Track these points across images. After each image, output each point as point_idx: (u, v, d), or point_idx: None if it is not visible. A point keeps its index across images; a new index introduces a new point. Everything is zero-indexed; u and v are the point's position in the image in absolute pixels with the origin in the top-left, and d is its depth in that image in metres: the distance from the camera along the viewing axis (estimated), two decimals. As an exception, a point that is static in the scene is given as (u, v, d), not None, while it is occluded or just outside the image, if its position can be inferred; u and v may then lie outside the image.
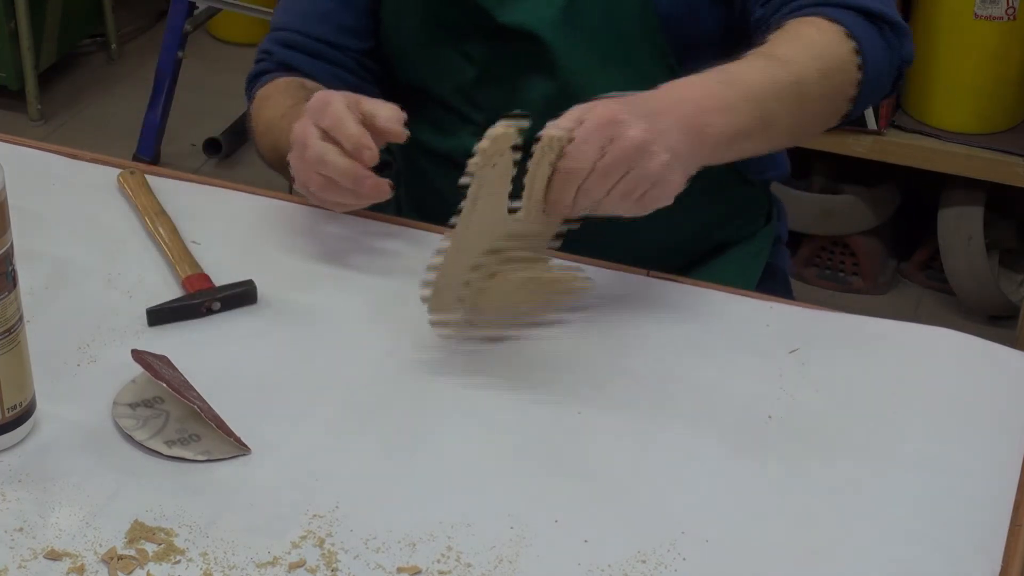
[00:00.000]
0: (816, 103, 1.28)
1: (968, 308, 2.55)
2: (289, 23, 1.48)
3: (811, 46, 1.28)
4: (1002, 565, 1.01)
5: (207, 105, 3.01)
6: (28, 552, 0.99)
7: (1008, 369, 1.19)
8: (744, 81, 1.24)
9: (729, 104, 1.22)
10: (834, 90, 1.29)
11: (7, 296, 1.03)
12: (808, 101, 1.27)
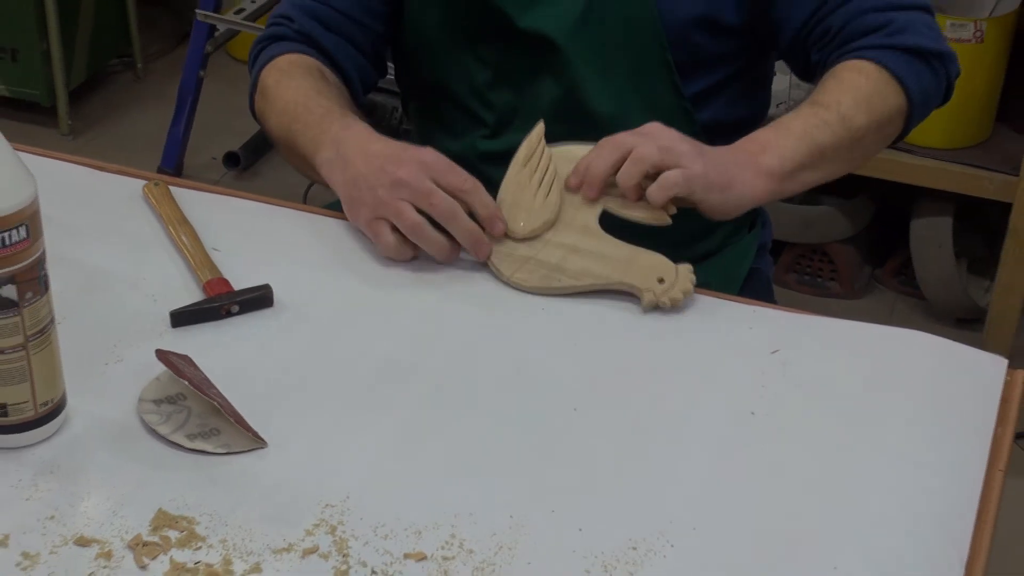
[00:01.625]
0: (868, 135, 1.31)
1: (938, 312, 2.55)
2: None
3: (860, 89, 1.30)
4: (969, 553, 1.01)
5: (227, 121, 3.01)
6: (59, 538, 0.99)
7: (975, 369, 1.19)
8: (790, 123, 1.29)
9: (779, 144, 1.27)
10: (882, 129, 1.32)
11: (40, 299, 1.03)
12: (857, 134, 1.30)
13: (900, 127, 1.35)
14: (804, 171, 1.28)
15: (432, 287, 1.27)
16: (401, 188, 1.23)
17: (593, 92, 1.33)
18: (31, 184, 1.01)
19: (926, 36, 1.33)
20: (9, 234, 0.99)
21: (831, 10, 1.33)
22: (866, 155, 1.35)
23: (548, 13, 1.36)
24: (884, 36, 1.31)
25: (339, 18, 1.43)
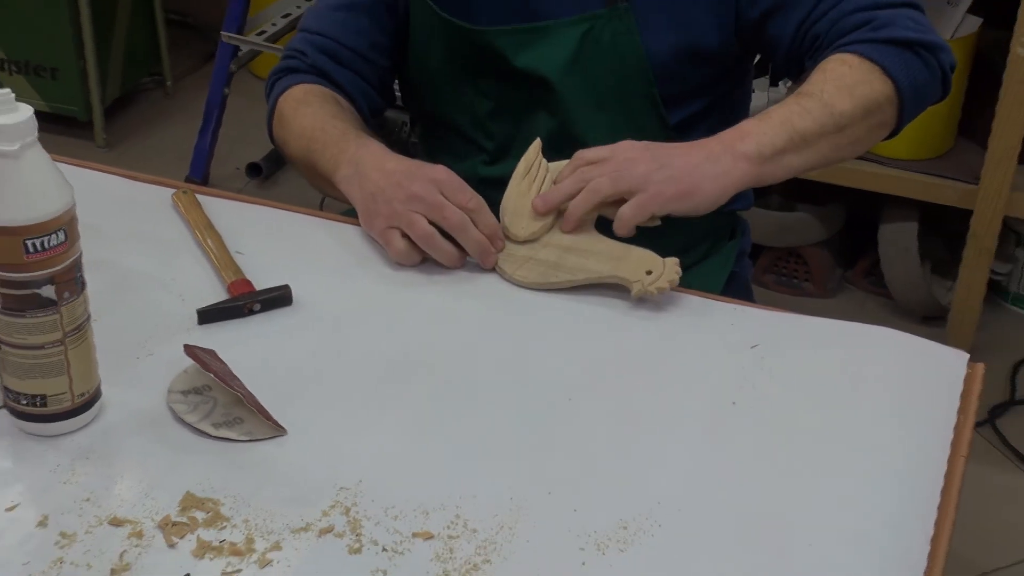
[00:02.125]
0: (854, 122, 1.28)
1: (904, 310, 2.55)
2: (326, 30, 1.43)
3: (843, 77, 1.27)
4: (934, 531, 1.01)
5: (249, 134, 3.01)
6: (94, 519, 0.99)
7: (938, 363, 1.19)
8: (772, 112, 1.27)
9: (758, 129, 1.25)
10: (871, 116, 1.29)
11: (76, 298, 1.03)
12: (842, 121, 1.27)
13: (892, 116, 1.31)
14: (786, 155, 1.26)
15: (438, 287, 1.27)
16: (415, 202, 1.23)
17: (585, 125, 1.33)
18: (69, 192, 1.01)
19: (910, 28, 1.30)
20: (48, 238, 0.99)
21: (817, 19, 1.32)
22: (858, 141, 1.30)
23: (543, 54, 1.36)
24: (868, 31, 1.29)
25: (348, 54, 1.43)
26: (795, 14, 1.32)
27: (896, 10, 1.31)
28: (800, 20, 1.32)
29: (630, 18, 1.33)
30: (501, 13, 1.36)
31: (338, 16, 1.43)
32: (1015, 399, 2.36)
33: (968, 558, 2.01)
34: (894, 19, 1.30)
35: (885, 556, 0.98)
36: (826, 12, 1.31)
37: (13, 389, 1.05)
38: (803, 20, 1.32)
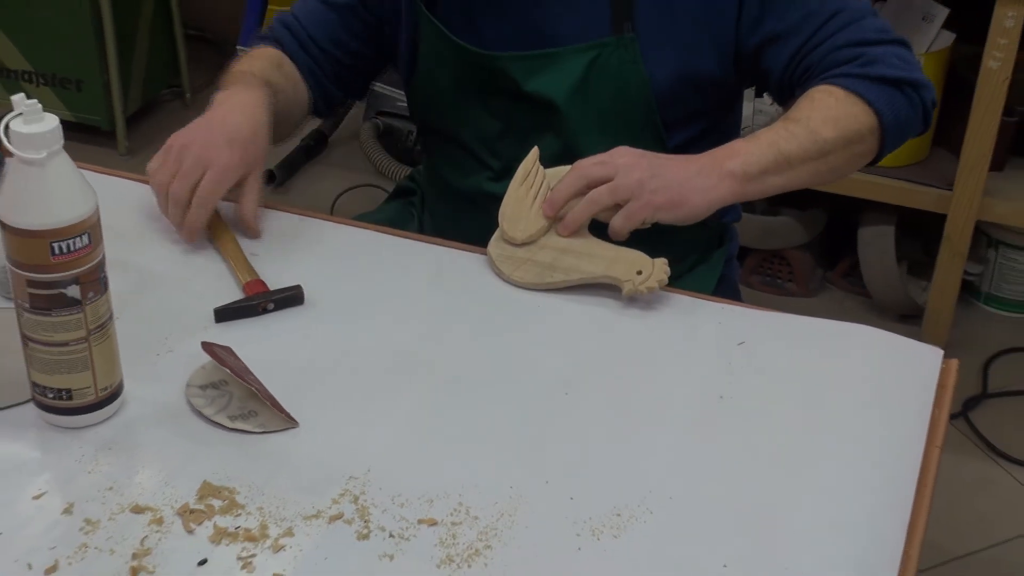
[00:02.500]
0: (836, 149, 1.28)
1: (882, 309, 2.55)
2: (300, 16, 1.46)
3: (829, 108, 1.28)
4: (911, 517, 1.01)
5: (264, 143, 3.01)
6: (116, 507, 0.98)
7: (915, 359, 1.19)
8: (760, 135, 1.27)
9: (746, 149, 1.26)
10: (852, 146, 1.29)
11: (100, 298, 1.03)
12: (826, 147, 1.27)
13: (874, 147, 1.31)
14: (769, 175, 1.26)
15: (442, 287, 1.27)
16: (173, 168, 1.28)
17: (588, 147, 1.32)
18: (93, 197, 1.01)
19: (896, 67, 1.29)
20: (73, 241, 0.99)
21: (809, 51, 1.31)
22: (838, 168, 1.30)
23: (551, 80, 1.35)
24: (856, 67, 1.29)
25: (309, 41, 1.45)
26: (789, 46, 1.32)
27: (885, 47, 1.31)
28: (794, 51, 1.32)
29: (635, 47, 1.33)
30: (513, 39, 1.35)
31: (315, 6, 1.46)
32: (987, 393, 2.36)
33: (943, 544, 2.01)
34: (882, 56, 1.30)
35: (864, 542, 0.98)
36: (818, 45, 1.31)
37: (40, 384, 1.05)
38: (796, 51, 1.32)
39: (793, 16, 1.31)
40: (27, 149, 0.97)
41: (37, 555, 0.94)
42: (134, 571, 0.93)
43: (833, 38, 1.31)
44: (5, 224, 0.99)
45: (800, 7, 1.31)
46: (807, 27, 1.31)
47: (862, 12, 1.32)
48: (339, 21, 1.44)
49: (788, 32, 1.32)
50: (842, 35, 1.31)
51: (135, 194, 1.40)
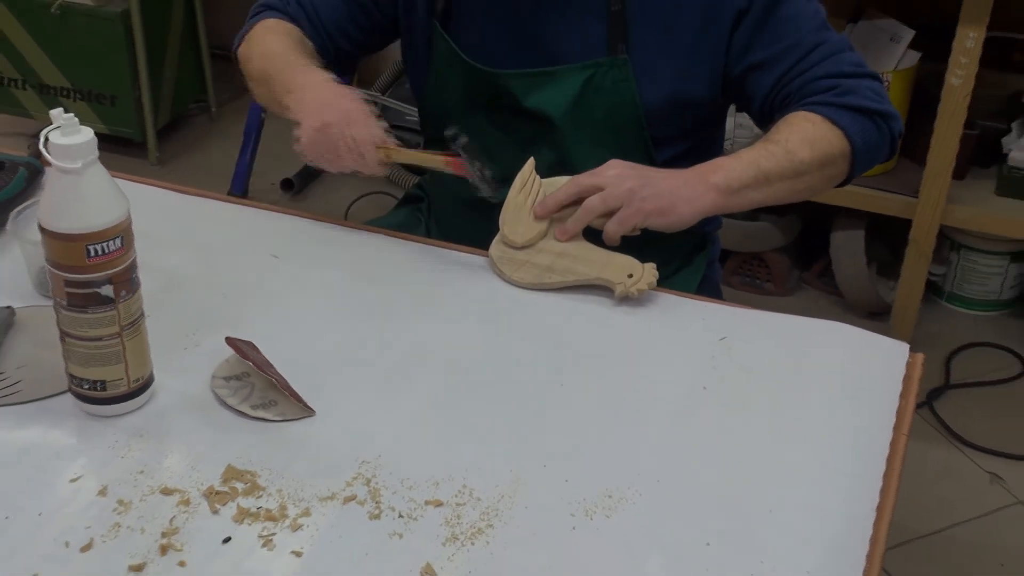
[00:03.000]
0: (810, 170, 1.28)
1: (853, 306, 2.55)
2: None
3: (806, 132, 1.29)
4: (880, 499, 1.01)
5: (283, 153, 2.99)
6: (147, 489, 0.98)
7: (883, 353, 1.19)
8: (742, 153, 1.28)
9: (728, 165, 1.27)
10: (826, 167, 1.30)
11: (132, 296, 1.03)
12: (801, 167, 1.28)
13: (844, 170, 1.32)
14: (749, 190, 1.27)
15: (448, 287, 1.27)
16: (323, 131, 1.26)
17: (581, 160, 1.32)
18: (125, 204, 1.01)
19: (869, 98, 1.30)
20: (107, 244, 0.99)
21: (791, 79, 1.32)
22: (811, 187, 1.31)
23: (548, 96, 1.35)
24: (833, 96, 1.30)
25: (318, 22, 1.42)
26: (773, 73, 1.32)
27: (860, 80, 1.31)
28: (776, 79, 1.32)
29: (628, 68, 1.33)
30: (517, 57, 1.35)
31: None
32: (949, 384, 2.36)
33: (909, 524, 2.01)
34: (857, 88, 1.30)
35: (836, 521, 0.98)
36: (799, 75, 1.31)
37: (76, 376, 1.05)
38: (779, 79, 1.32)
39: (778, 47, 1.31)
40: (65, 159, 0.97)
41: (74, 534, 0.94)
42: (163, 549, 0.93)
43: (813, 69, 1.31)
44: (44, 228, 0.99)
45: (785, 39, 1.31)
46: (790, 58, 1.31)
47: (840, 47, 1.33)
48: (348, 13, 1.42)
49: (772, 61, 1.32)
50: (821, 67, 1.31)
51: (165, 201, 1.40)
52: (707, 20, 1.31)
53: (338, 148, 1.26)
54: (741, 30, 1.31)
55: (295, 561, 0.93)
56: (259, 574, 0.91)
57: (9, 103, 3.02)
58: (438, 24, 1.38)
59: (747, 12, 1.30)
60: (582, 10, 1.33)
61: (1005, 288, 2.53)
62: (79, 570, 0.91)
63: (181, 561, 0.92)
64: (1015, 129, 2.37)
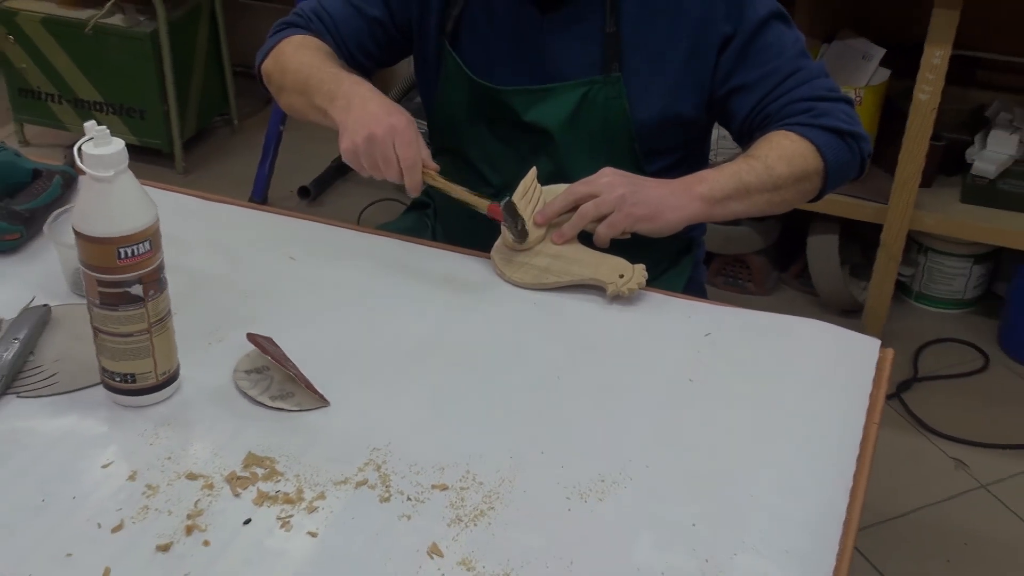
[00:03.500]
0: (787, 184, 1.28)
1: (827, 305, 2.55)
2: (333, 13, 1.41)
3: (784, 149, 1.29)
4: (853, 483, 1.01)
5: (300, 163, 3.01)
6: (174, 474, 0.98)
7: (856, 347, 1.19)
8: (725, 167, 1.28)
9: (713, 177, 1.27)
10: (801, 183, 1.30)
11: (160, 295, 1.03)
12: (779, 182, 1.28)
13: (818, 186, 1.32)
14: (731, 201, 1.27)
15: (453, 286, 1.27)
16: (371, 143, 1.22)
17: (577, 170, 1.32)
18: (153, 210, 1.01)
19: (842, 120, 1.31)
20: (137, 247, 0.99)
21: (770, 101, 1.32)
22: (787, 201, 1.31)
23: (546, 111, 1.35)
24: (809, 117, 1.30)
25: (338, 37, 1.40)
26: (754, 96, 1.33)
27: (834, 104, 1.32)
28: (757, 100, 1.33)
29: (620, 86, 1.33)
30: (518, 75, 1.35)
31: (346, 11, 1.41)
32: (917, 377, 2.36)
33: (879, 506, 2.01)
34: (831, 111, 1.31)
35: (813, 503, 0.98)
36: (778, 98, 1.32)
37: (108, 369, 1.05)
38: (759, 101, 1.32)
39: (759, 71, 1.32)
40: (97, 168, 0.97)
41: (106, 515, 0.94)
42: (188, 529, 0.93)
43: (791, 93, 1.32)
44: (79, 232, 0.98)
45: (766, 65, 1.31)
46: (770, 82, 1.32)
47: (817, 73, 1.33)
48: (366, 29, 1.41)
49: (754, 84, 1.32)
50: (799, 91, 1.32)
51: (190, 207, 1.40)
52: (696, 45, 1.31)
53: (380, 161, 1.23)
54: (726, 55, 1.32)
55: (311, 541, 0.92)
56: (278, 553, 0.91)
57: (46, 116, 3.02)
58: (447, 43, 1.38)
59: (732, 39, 1.31)
60: (579, 32, 1.33)
61: (969, 288, 2.53)
62: (110, 549, 0.91)
63: (205, 541, 0.92)
64: (978, 141, 2.37)
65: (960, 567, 1.91)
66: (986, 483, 2.09)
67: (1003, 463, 2.13)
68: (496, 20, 1.35)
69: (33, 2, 2.92)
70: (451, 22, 1.37)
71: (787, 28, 1.33)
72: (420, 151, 1.24)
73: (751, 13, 1.30)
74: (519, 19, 1.34)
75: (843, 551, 0.94)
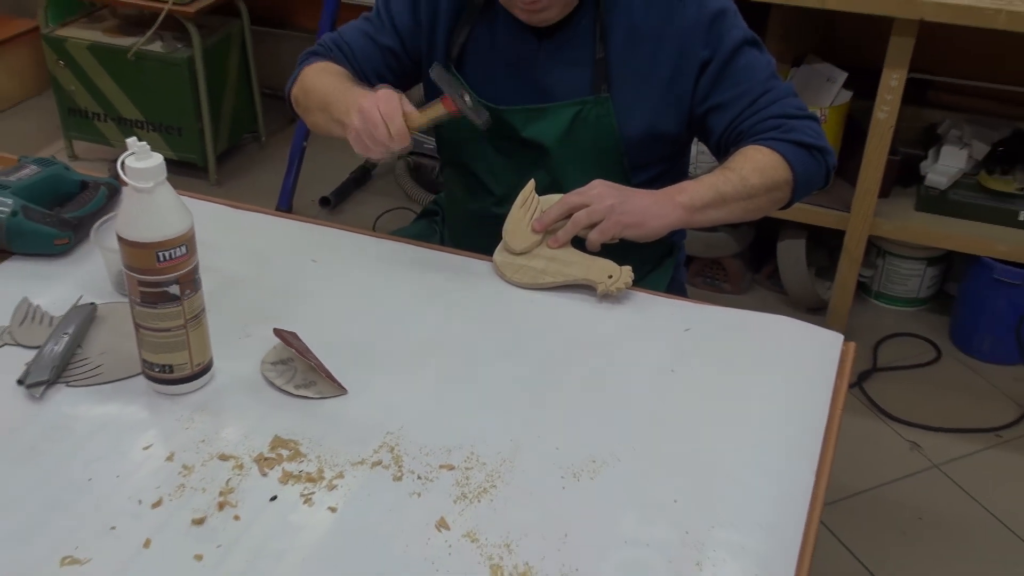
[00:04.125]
0: (758, 193, 1.28)
1: (795, 303, 2.55)
2: (351, 43, 1.40)
3: (757, 162, 1.28)
4: (819, 462, 1.01)
5: (322, 176, 3.01)
6: (207, 455, 0.98)
7: (821, 341, 1.19)
8: (704, 178, 1.27)
9: (693, 188, 1.26)
10: (771, 192, 1.29)
11: (195, 294, 1.03)
12: (752, 191, 1.27)
13: (787, 195, 1.32)
14: (709, 209, 1.26)
15: (458, 287, 1.27)
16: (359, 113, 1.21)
17: (570, 182, 1.31)
18: (189, 217, 1.00)
19: (810, 136, 1.31)
20: (174, 251, 0.99)
21: (744, 119, 1.32)
22: (760, 209, 1.31)
23: (543, 127, 1.36)
24: (780, 133, 1.30)
25: (357, 67, 1.40)
26: (729, 113, 1.32)
27: (802, 121, 1.32)
28: (732, 118, 1.32)
29: (609, 105, 1.33)
30: (519, 94, 1.36)
31: (363, 41, 1.40)
32: (876, 367, 2.35)
33: (843, 483, 2.01)
34: (800, 127, 1.31)
35: (784, 480, 0.98)
36: (751, 115, 1.32)
37: (148, 361, 1.04)
38: (734, 119, 1.32)
39: (733, 92, 1.32)
40: (139, 180, 0.97)
41: (146, 493, 0.94)
42: (221, 505, 0.93)
43: (763, 111, 1.31)
44: (121, 237, 0.98)
45: (739, 86, 1.31)
46: (743, 101, 1.31)
47: (786, 93, 1.33)
48: (380, 59, 1.41)
49: (729, 104, 1.32)
50: (769, 109, 1.31)
51: (223, 215, 1.40)
52: (677, 69, 1.31)
53: (371, 128, 1.20)
54: (704, 78, 1.32)
55: (331, 515, 0.92)
56: (301, 526, 0.91)
57: (92, 133, 3.02)
58: (453, 66, 1.38)
59: (709, 63, 1.31)
60: (571, 57, 1.33)
61: (923, 288, 2.53)
62: (150, 523, 0.91)
63: (236, 515, 0.92)
64: (931, 156, 2.37)
65: (914, 539, 1.91)
66: (938, 463, 2.09)
67: (953, 445, 2.13)
68: (497, 46, 1.35)
69: (81, 31, 2.92)
70: (456, 48, 1.37)
71: (759, 53, 1.33)
72: (399, 104, 1.21)
73: (727, 39, 1.30)
74: (518, 46, 1.34)
75: (810, 524, 0.94)
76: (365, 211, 2.91)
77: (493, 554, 0.89)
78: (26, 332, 1.13)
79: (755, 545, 0.91)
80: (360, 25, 1.43)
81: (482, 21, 1.36)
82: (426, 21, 1.38)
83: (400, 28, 1.39)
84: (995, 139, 2.36)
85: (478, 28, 1.36)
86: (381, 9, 1.41)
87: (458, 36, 1.37)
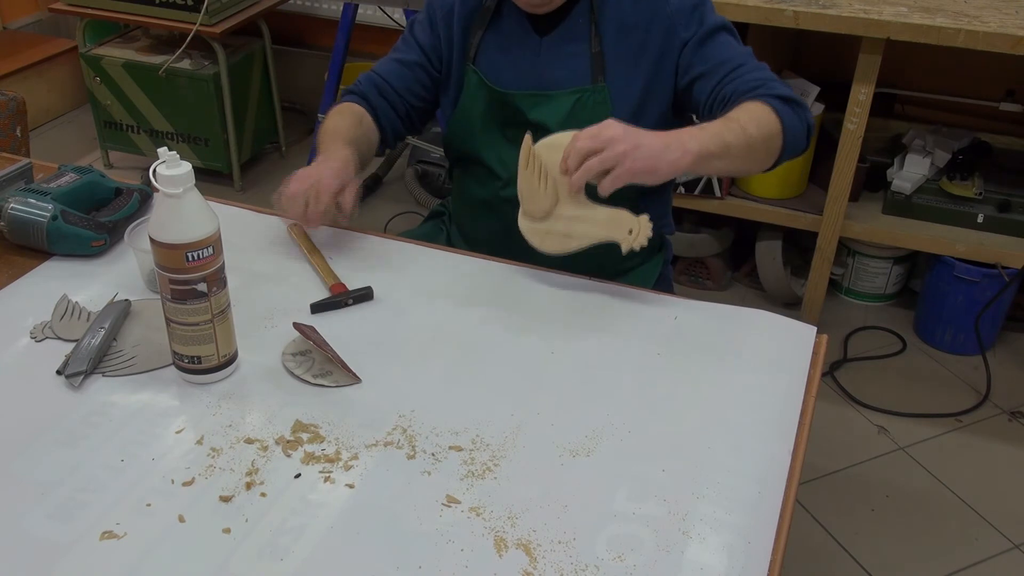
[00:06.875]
0: (757, 143, 1.25)
1: (772, 299, 2.55)
2: (383, 72, 1.44)
3: (752, 113, 1.26)
4: (794, 444, 1.01)
5: (336, 183, 3.00)
6: (234, 439, 0.98)
7: (796, 333, 1.19)
8: (707, 126, 1.22)
9: (702, 135, 1.20)
10: (767, 142, 1.26)
11: (221, 292, 1.03)
12: (751, 141, 1.24)
13: (778, 147, 1.28)
14: (714, 159, 1.20)
15: (463, 282, 1.27)
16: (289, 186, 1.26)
17: None
18: (215, 220, 1.00)
19: (789, 92, 1.30)
20: (202, 251, 0.99)
21: (725, 84, 1.31)
22: (758, 159, 1.27)
23: (547, 112, 1.37)
24: (764, 90, 1.29)
25: (390, 90, 1.43)
26: (711, 81, 1.32)
27: (778, 83, 1.31)
28: (713, 86, 1.32)
29: (606, 92, 1.35)
30: (523, 82, 1.38)
31: (394, 66, 1.44)
32: (847, 358, 2.35)
33: (817, 464, 2.01)
34: (779, 87, 1.30)
35: (761, 460, 0.98)
36: (732, 80, 1.31)
37: (178, 352, 1.04)
38: (715, 86, 1.32)
39: (712, 62, 1.32)
40: (169, 186, 0.97)
41: (178, 473, 0.94)
42: (248, 484, 0.93)
43: (743, 77, 1.31)
44: (153, 239, 0.98)
45: (717, 57, 1.32)
46: (723, 69, 1.32)
47: (760, 66, 1.33)
48: (411, 75, 1.44)
49: (709, 72, 1.32)
50: (750, 74, 1.31)
51: (246, 218, 1.40)
52: (662, 52, 1.34)
53: (290, 199, 1.25)
54: (685, 53, 1.34)
55: (349, 492, 0.92)
56: (321, 503, 0.91)
57: (126, 144, 3.02)
58: (471, 63, 1.41)
59: (689, 41, 1.33)
60: (572, 51, 1.36)
61: (889, 284, 2.53)
62: (182, 500, 0.91)
63: (262, 493, 0.92)
64: (896, 163, 2.37)
65: (882, 515, 1.91)
66: (904, 446, 2.09)
67: (917, 429, 2.13)
68: (506, 43, 1.39)
69: (116, 50, 2.92)
70: (473, 49, 1.41)
71: (735, 40, 1.35)
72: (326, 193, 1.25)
73: (707, 21, 1.34)
74: (524, 42, 1.38)
75: (786, 500, 0.94)
76: (376, 214, 2.91)
77: (497, 526, 0.89)
78: (65, 326, 1.14)
79: (736, 519, 0.91)
80: (391, 56, 1.47)
81: (492, 25, 1.40)
82: (444, 34, 1.42)
83: (423, 45, 1.44)
84: (955, 148, 2.36)
85: (489, 31, 1.40)
86: (407, 35, 1.47)
87: (473, 39, 1.41)
